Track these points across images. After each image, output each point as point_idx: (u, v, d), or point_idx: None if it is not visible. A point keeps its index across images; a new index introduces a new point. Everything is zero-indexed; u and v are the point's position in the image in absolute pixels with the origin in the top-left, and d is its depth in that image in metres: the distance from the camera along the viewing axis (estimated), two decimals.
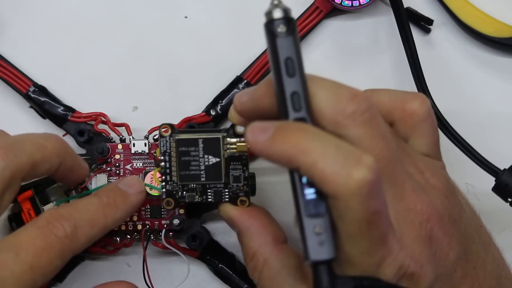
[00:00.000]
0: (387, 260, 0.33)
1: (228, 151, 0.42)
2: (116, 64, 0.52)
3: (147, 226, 0.47)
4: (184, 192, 0.43)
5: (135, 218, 0.47)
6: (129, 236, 0.48)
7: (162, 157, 0.43)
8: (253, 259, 0.40)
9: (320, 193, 0.32)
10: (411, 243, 0.35)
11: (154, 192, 0.47)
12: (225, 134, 0.42)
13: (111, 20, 0.52)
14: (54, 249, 0.35)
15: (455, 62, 0.53)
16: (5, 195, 0.37)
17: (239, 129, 0.42)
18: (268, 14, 0.35)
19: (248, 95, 0.37)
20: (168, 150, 0.43)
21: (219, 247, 0.50)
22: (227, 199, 0.43)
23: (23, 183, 0.39)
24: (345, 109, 0.33)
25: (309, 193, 0.32)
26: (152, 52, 0.52)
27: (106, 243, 0.48)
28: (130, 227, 0.47)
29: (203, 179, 0.43)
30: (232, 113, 0.39)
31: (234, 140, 0.42)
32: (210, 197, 0.43)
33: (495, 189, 0.46)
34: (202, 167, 0.42)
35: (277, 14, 0.34)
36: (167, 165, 0.43)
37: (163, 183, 0.43)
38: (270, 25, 0.34)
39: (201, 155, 0.42)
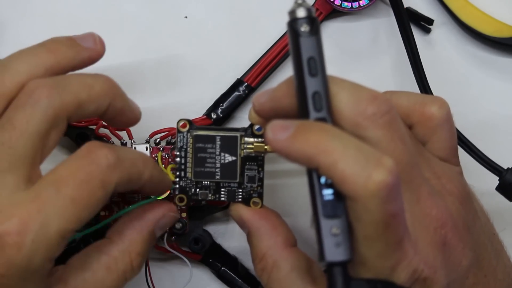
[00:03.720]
0: (402, 264, 0.33)
1: (245, 150, 0.42)
2: (116, 63, 0.51)
3: None
4: (198, 189, 0.43)
5: None
6: None
7: (178, 153, 0.42)
8: (262, 260, 0.40)
9: (338, 194, 0.32)
10: (425, 248, 0.35)
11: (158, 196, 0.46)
12: (243, 133, 0.42)
13: (111, 20, 0.52)
14: (95, 179, 0.34)
15: (455, 62, 0.53)
16: (51, 135, 0.36)
17: (257, 129, 0.42)
18: (292, 13, 0.34)
19: (268, 95, 0.37)
20: (185, 146, 0.42)
21: (221, 250, 0.49)
22: (240, 199, 0.42)
23: None
24: (365, 110, 0.33)
25: (327, 193, 0.32)
26: (152, 52, 0.52)
27: None
28: None
29: (217, 177, 0.42)
30: (251, 113, 0.39)
31: (251, 140, 0.42)
32: (223, 196, 0.43)
33: (499, 188, 0.46)
34: (218, 165, 0.42)
35: (301, 13, 0.34)
36: (182, 161, 0.42)
37: (177, 179, 0.42)
38: (293, 24, 0.34)
39: (217, 153, 0.42)
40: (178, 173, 0.42)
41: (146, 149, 0.47)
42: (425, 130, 0.39)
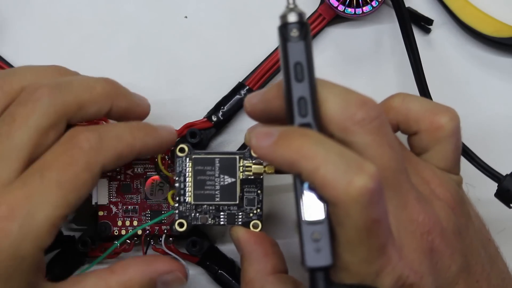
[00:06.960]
0: (386, 270, 0.33)
1: (244, 173, 0.42)
2: (116, 64, 0.51)
3: (147, 231, 0.47)
4: (197, 214, 0.43)
5: (135, 223, 0.47)
6: (129, 241, 0.48)
7: (177, 178, 0.42)
8: (248, 284, 0.40)
9: (320, 199, 0.32)
10: (411, 254, 0.34)
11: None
12: (241, 156, 0.42)
13: (111, 20, 0.52)
14: (79, 162, 0.35)
15: (455, 62, 0.52)
16: (49, 134, 0.36)
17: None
18: (283, 17, 0.34)
19: (259, 97, 0.37)
20: (184, 171, 0.42)
21: (219, 253, 0.49)
22: (240, 223, 0.43)
23: None
24: (354, 115, 0.33)
25: (310, 199, 0.32)
26: (152, 53, 0.52)
27: (106, 248, 0.48)
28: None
29: (217, 199, 0.42)
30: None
31: (250, 162, 0.42)
32: (222, 220, 0.43)
33: (497, 194, 0.45)
34: (217, 187, 0.42)
35: (292, 18, 0.34)
36: (182, 185, 0.42)
37: (177, 204, 0.43)
38: (283, 29, 0.34)
39: (216, 175, 0.42)
40: (177, 198, 0.43)
41: None
42: (430, 139, 0.39)
